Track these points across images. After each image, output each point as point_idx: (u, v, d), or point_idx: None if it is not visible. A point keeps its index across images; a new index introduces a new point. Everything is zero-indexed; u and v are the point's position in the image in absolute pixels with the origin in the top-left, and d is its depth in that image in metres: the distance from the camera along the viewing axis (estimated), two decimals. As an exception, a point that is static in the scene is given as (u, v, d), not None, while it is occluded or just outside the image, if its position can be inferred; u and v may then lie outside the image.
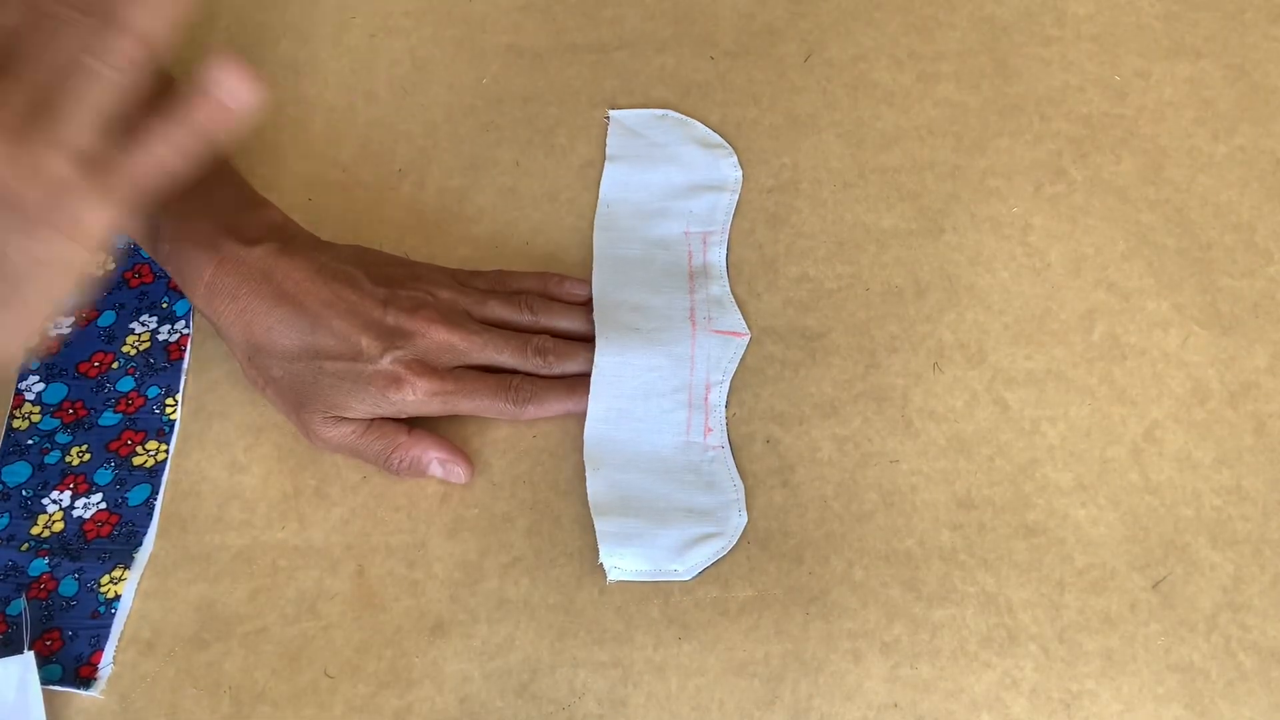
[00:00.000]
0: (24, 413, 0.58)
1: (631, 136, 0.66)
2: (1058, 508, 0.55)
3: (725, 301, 0.60)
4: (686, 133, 0.66)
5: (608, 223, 0.63)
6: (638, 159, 0.65)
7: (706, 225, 0.62)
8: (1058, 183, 0.64)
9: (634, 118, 0.66)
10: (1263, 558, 0.54)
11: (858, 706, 0.51)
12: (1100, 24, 0.69)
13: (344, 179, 0.65)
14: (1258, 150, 0.65)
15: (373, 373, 0.54)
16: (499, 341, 0.56)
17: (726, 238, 0.62)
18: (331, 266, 0.55)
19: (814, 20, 0.70)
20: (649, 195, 0.64)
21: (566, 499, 0.55)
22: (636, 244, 0.62)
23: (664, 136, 0.66)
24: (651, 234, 0.62)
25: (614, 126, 0.66)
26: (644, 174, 0.64)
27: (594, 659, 0.52)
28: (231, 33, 0.70)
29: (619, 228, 0.62)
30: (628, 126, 0.66)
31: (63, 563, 0.54)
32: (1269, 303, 0.60)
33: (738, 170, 0.64)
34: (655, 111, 0.67)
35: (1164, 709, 0.50)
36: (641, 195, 0.64)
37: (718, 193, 0.63)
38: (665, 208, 0.63)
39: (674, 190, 0.64)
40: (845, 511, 0.55)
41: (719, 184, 0.64)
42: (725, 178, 0.64)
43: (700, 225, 0.62)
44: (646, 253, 0.61)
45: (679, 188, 0.64)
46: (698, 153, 0.65)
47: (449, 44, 0.70)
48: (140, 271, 0.62)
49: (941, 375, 0.58)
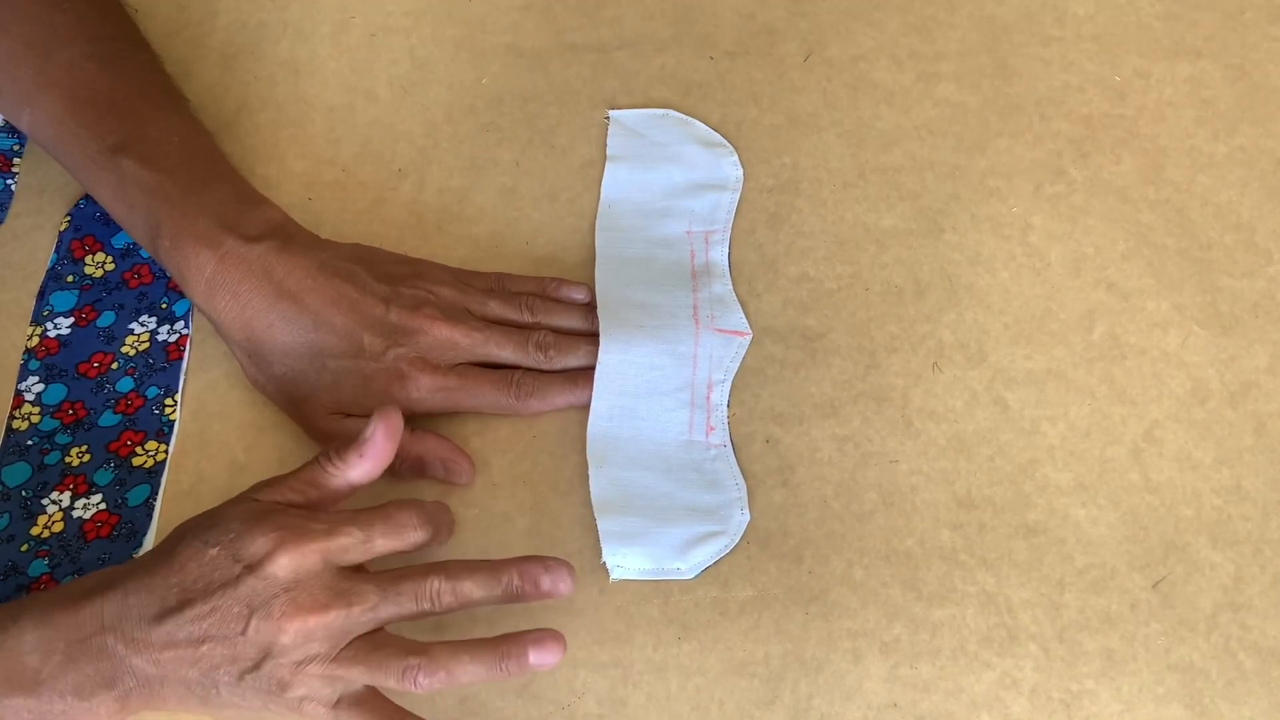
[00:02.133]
0: (24, 413, 0.58)
1: (632, 136, 0.66)
2: (1058, 508, 0.55)
3: (728, 300, 0.60)
4: (687, 132, 0.66)
5: (610, 222, 0.63)
6: (639, 159, 0.65)
7: (708, 224, 0.62)
8: (1058, 183, 0.64)
9: (634, 118, 0.66)
10: (1263, 558, 0.54)
11: (858, 706, 0.51)
12: (1100, 24, 0.69)
13: (344, 179, 0.65)
14: (1258, 150, 0.65)
15: (375, 370, 0.54)
16: (499, 337, 0.56)
17: (728, 236, 0.62)
18: (333, 264, 0.55)
19: (814, 20, 0.70)
20: (650, 195, 0.64)
21: (566, 499, 0.55)
22: (639, 243, 0.62)
23: (664, 136, 0.66)
24: (654, 233, 0.62)
25: (614, 127, 0.66)
26: (645, 174, 0.64)
27: (594, 659, 0.52)
28: (231, 33, 0.70)
29: (621, 227, 0.62)
30: (628, 126, 0.66)
31: (62, 563, 0.54)
32: (1269, 303, 0.60)
33: (739, 169, 0.64)
34: (655, 111, 0.67)
35: (1164, 709, 0.50)
36: (643, 195, 0.64)
37: (719, 191, 0.63)
38: (667, 207, 0.63)
39: (675, 189, 0.64)
40: (845, 511, 0.55)
41: (720, 183, 0.64)
42: (726, 176, 0.64)
43: (702, 224, 0.62)
44: (649, 252, 0.61)
45: (680, 187, 0.64)
46: (699, 152, 0.65)
47: (449, 44, 0.70)
48: (140, 272, 0.62)
49: (941, 375, 0.58)
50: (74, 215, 0.64)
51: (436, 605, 0.48)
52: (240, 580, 0.46)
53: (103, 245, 0.63)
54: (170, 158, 0.57)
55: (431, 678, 0.47)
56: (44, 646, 0.46)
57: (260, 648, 0.45)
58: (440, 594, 0.47)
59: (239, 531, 0.46)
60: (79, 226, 0.63)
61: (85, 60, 0.59)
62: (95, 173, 0.57)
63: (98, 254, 0.63)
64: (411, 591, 0.47)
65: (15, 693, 0.45)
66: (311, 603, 0.46)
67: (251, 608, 0.45)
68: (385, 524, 0.48)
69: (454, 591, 0.48)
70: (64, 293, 0.61)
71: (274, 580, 0.46)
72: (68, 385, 0.59)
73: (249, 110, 0.67)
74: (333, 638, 0.46)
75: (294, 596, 0.46)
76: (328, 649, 0.46)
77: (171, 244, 0.55)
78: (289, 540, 0.46)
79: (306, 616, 0.45)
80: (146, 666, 0.46)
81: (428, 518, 0.49)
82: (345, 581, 0.47)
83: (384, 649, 0.47)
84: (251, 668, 0.46)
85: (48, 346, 0.60)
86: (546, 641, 0.48)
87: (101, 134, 0.57)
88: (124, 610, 0.46)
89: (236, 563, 0.46)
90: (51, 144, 0.59)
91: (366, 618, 0.46)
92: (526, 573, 0.49)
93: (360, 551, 0.47)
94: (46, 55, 0.58)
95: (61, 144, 0.58)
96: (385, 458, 0.50)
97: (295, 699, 0.46)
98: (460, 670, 0.47)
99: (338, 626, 0.46)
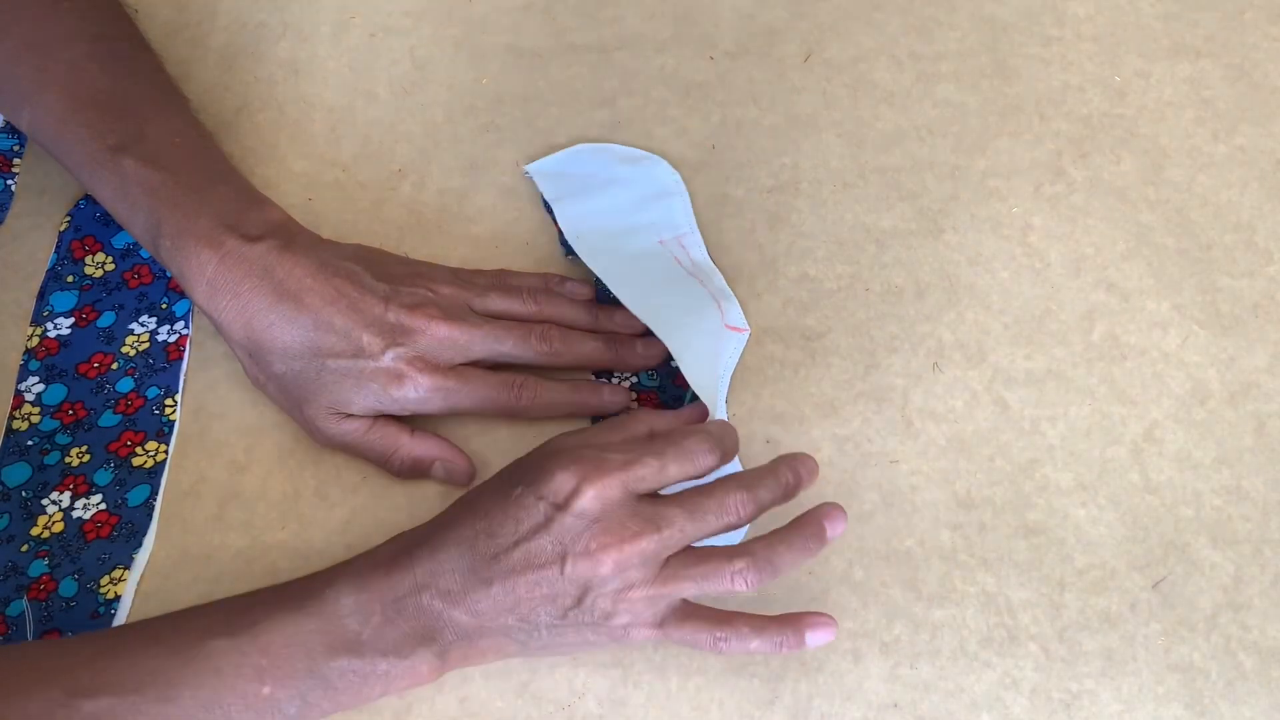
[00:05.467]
0: (24, 414, 0.58)
1: (559, 178, 0.64)
2: (1058, 508, 0.55)
3: (730, 294, 0.60)
4: (608, 156, 0.65)
5: (590, 250, 0.61)
6: (578, 193, 0.63)
7: (674, 230, 0.62)
8: (1058, 183, 0.64)
9: (552, 162, 0.65)
10: (1263, 558, 0.54)
11: (858, 706, 0.51)
12: (1100, 24, 0.69)
13: (344, 179, 0.65)
14: (1258, 150, 0.65)
15: (374, 369, 0.54)
16: (500, 332, 0.56)
17: (699, 238, 0.62)
18: (333, 263, 0.55)
19: (814, 20, 0.70)
20: (608, 219, 0.62)
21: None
22: (625, 260, 0.61)
23: (588, 167, 0.64)
24: (632, 250, 0.61)
25: (537, 177, 0.64)
26: (592, 201, 0.63)
27: (594, 659, 0.52)
28: (231, 33, 0.70)
29: (602, 250, 0.61)
30: (550, 172, 0.65)
31: (62, 563, 0.54)
32: (1269, 303, 0.60)
33: (674, 173, 0.64)
34: (569, 150, 0.65)
35: (1164, 709, 0.50)
36: (601, 220, 0.62)
37: (668, 198, 0.63)
38: (629, 224, 0.62)
39: (629, 205, 0.63)
40: (845, 511, 0.55)
41: (663, 190, 0.63)
42: (665, 182, 0.64)
43: (669, 230, 0.62)
44: (641, 265, 0.61)
45: (630, 203, 0.63)
46: (628, 169, 0.64)
47: (449, 44, 0.70)
48: (140, 272, 0.62)
49: (941, 375, 0.58)
50: (74, 215, 0.64)
51: (740, 516, 0.48)
52: (551, 520, 0.46)
53: (103, 245, 0.63)
54: (171, 158, 0.57)
55: (760, 573, 0.48)
56: (362, 609, 0.47)
57: (580, 584, 0.46)
58: (742, 504, 0.48)
59: (539, 470, 0.48)
60: (79, 227, 0.63)
61: (86, 60, 0.59)
62: (96, 173, 0.57)
63: (98, 254, 0.63)
64: (716, 507, 0.48)
65: (340, 654, 0.47)
66: (624, 531, 0.46)
67: (564, 545, 0.46)
68: (677, 449, 0.49)
69: (754, 500, 0.49)
70: (64, 293, 0.61)
71: (583, 514, 0.46)
72: (68, 385, 0.59)
73: (249, 110, 0.67)
74: (649, 563, 0.47)
75: (606, 526, 0.46)
76: (646, 574, 0.47)
77: (173, 244, 0.55)
78: (591, 474, 0.47)
79: (622, 546, 0.46)
80: (464, 618, 0.47)
81: (715, 441, 0.50)
82: (651, 507, 0.47)
83: (705, 561, 0.48)
84: (574, 604, 0.47)
85: (48, 347, 0.60)
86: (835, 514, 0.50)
87: (102, 134, 0.57)
88: (436, 566, 0.47)
89: (541, 500, 0.47)
90: (52, 144, 0.59)
91: (677, 539, 0.47)
92: (793, 467, 0.50)
93: (657, 479, 0.48)
94: (47, 55, 0.58)
95: (62, 144, 0.58)
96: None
97: (620, 625, 0.48)
98: (780, 560, 0.48)
99: (651, 551, 0.47)
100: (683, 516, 0.47)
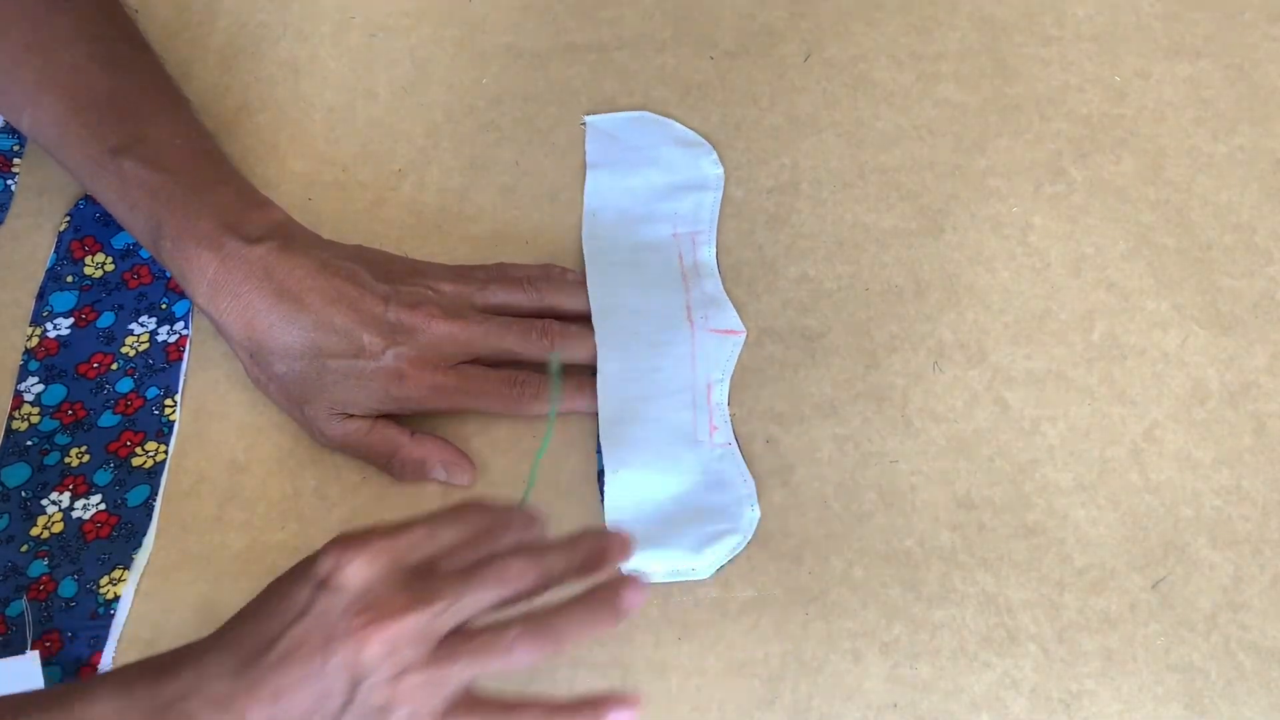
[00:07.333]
0: (23, 414, 0.58)
1: (609, 141, 0.65)
2: (1058, 508, 0.55)
3: (720, 299, 0.60)
4: (664, 133, 0.66)
5: (596, 230, 0.62)
6: (618, 164, 0.64)
7: (693, 225, 0.62)
8: (1058, 183, 0.64)
9: (610, 121, 0.66)
10: (1263, 558, 0.54)
11: (858, 706, 0.51)
12: (1100, 24, 0.69)
13: (344, 179, 0.65)
14: (1258, 150, 0.65)
15: (375, 369, 0.54)
16: (500, 329, 0.56)
17: (714, 236, 0.62)
18: (333, 263, 0.55)
19: (814, 20, 0.70)
20: (633, 200, 0.63)
21: (566, 499, 0.55)
22: (626, 249, 0.62)
23: (641, 139, 0.65)
24: (641, 238, 0.62)
25: (591, 132, 0.66)
26: (626, 179, 0.64)
27: (594, 659, 0.52)
28: (231, 33, 0.70)
29: (607, 235, 0.62)
30: (605, 131, 0.66)
31: (62, 564, 0.54)
32: (1269, 303, 0.60)
33: (718, 167, 0.64)
34: (631, 114, 0.66)
35: (1164, 709, 0.50)
36: (626, 201, 0.63)
37: (701, 192, 0.63)
38: (651, 211, 0.63)
39: (657, 193, 0.63)
40: (845, 511, 0.55)
41: (700, 183, 0.64)
42: (706, 176, 0.64)
43: (687, 226, 0.62)
44: (637, 257, 0.61)
45: (662, 189, 0.64)
46: (677, 152, 0.65)
47: (449, 44, 0.70)
48: (139, 273, 0.62)
49: (941, 375, 0.58)
50: (74, 216, 0.64)
51: (522, 586, 0.45)
52: (313, 602, 0.43)
53: (102, 246, 0.63)
54: (172, 159, 0.57)
55: (539, 639, 0.44)
56: (119, 718, 0.42)
57: (348, 675, 0.42)
58: (524, 572, 0.44)
59: (310, 557, 0.45)
60: (79, 227, 0.63)
61: (86, 61, 0.59)
62: (97, 174, 0.57)
63: (97, 254, 0.63)
64: (494, 576, 0.44)
65: None
66: (390, 606, 0.42)
67: (327, 628, 0.42)
68: (449, 515, 0.46)
69: (539, 570, 0.45)
70: (64, 293, 0.61)
71: (345, 591, 0.43)
72: (67, 386, 0.59)
73: (249, 110, 0.67)
74: (421, 641, 0.43)
75: (369, 602, 0.42)
76: (418, 655, 0.43)
77: (173, 245, 0.55)
78: (353, 545, 0.43)
79: (387, 622, 0.42)
80: None
81: (485, 507, 0.47)
82: (421, 580, 0.44)
83: (480, 633, 0.44)
84: (346, 701, 0.42)
85: (47, 347, 0.60)
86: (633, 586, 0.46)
87: (103, 135, 0.57)
88: (202, 669, 0.43)
89: (306, 583, 0.43)
90: (53, 145, 0.59)
91: (451, 612, 0.43)
92: (599, 542, 0.47)
93: (429, 546, 0.45)
94: (47, 57, 0.58)
95: (63, 145, 0.58)
96: None
97: None
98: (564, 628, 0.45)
99: (422, 626, 0.43)
100: (456, 586, 0.43)
